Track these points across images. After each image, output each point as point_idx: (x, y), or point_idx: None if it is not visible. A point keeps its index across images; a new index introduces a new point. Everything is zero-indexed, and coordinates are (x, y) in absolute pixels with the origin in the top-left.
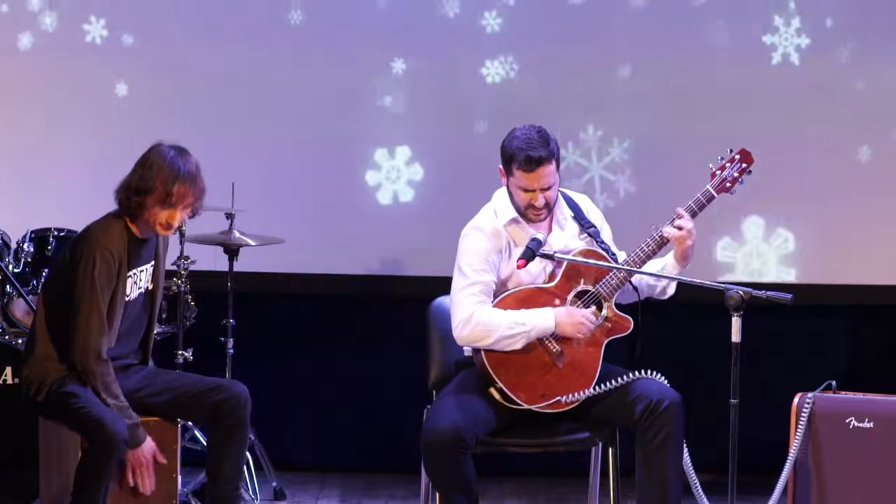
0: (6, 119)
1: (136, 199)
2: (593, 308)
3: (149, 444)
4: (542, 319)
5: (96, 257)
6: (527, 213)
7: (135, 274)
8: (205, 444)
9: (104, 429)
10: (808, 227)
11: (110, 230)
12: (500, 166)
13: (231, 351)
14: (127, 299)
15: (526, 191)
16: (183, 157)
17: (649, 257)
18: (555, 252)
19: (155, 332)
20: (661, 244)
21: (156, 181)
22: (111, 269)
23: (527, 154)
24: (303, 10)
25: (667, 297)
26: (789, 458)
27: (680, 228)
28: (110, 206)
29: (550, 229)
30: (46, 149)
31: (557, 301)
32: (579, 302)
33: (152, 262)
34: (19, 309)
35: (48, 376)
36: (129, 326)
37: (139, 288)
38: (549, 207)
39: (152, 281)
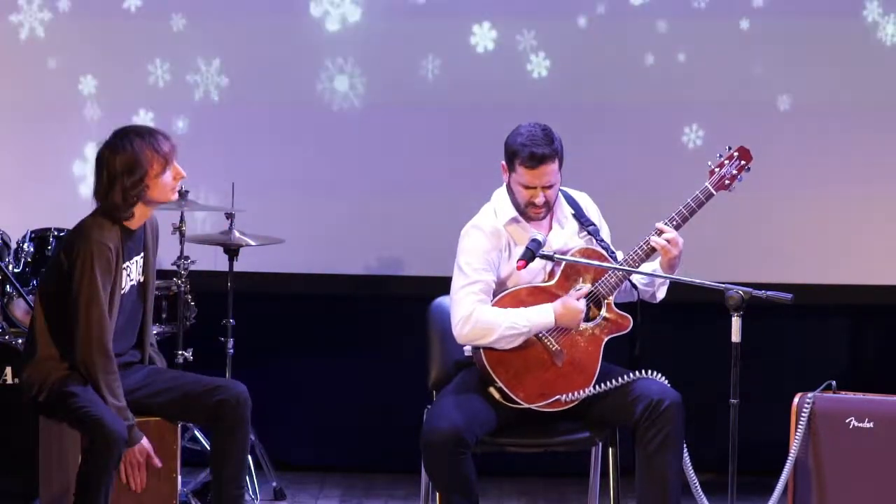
0: (6, 118)
1: (139, 189)
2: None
3: (142, 445)
4: (541, 316)
5: (94, 251)
6: (526, 210)
7: (127, 266)
8: (205, 444)
9: (104, 428)
10: (808, 226)
11: (102, 224)
12: (503, 162)
13: (231, 351)
14: (121, 293)
15: (527, 188)
16: (129, 130)
17: (638, 265)
18: (554, 252)
19: (154, 331)
20: (649, 253)
21: (144, 158)
22: (110, 263)
23: (531, 151)
24: (305, 7)
25: (656, 301)
26: (789, 458)
27: (666, 239)
28: None
29: (550, 227)
30: (47, 148)
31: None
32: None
33: (142, 254)
34: (19, 309)
35: (49, 376)
36: (125, 321)
37: (131, 280)
38: (549, 206)
39: (143, 273)
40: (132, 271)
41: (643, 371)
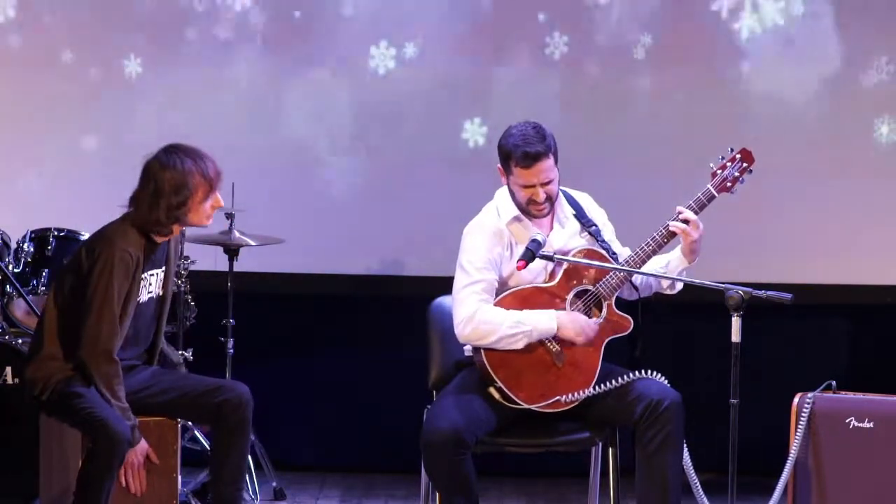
0: (6, 118)
1: (182, 210)
2: (594, 315)
3: (141, 445)
4: (544, 321)
5: (115, 257)
6: (528, 209)
7: (146, 277)
8: (205, 444)
9: (108, 429)
10: (808, 226)
11: (128, 232)
12: (499, 165)
13: (231, 351)
14: (138, 302)
15: (526, 187)
16: (180, 148)
17: (655, 252)
18: (554, 253)
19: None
20: (668, 239)
21: (192, 181)
22: (128, 270)
23: (524, 150)
24: (302, 12)
25: (675, 291)
26: (789, 458)
27: (685, 222)
28: (111, 204)
29: (551, 227)
30: (47, 148)
31: (557, 300)
32: (579, 302)
33: (163, 268)
34: (19, 309)
35: (53, 376)
36: (138, 331)
37: (149, 292)
38: (551, 201)
39: (162, 287)
40: (152, 284)
41: (643, 371)
